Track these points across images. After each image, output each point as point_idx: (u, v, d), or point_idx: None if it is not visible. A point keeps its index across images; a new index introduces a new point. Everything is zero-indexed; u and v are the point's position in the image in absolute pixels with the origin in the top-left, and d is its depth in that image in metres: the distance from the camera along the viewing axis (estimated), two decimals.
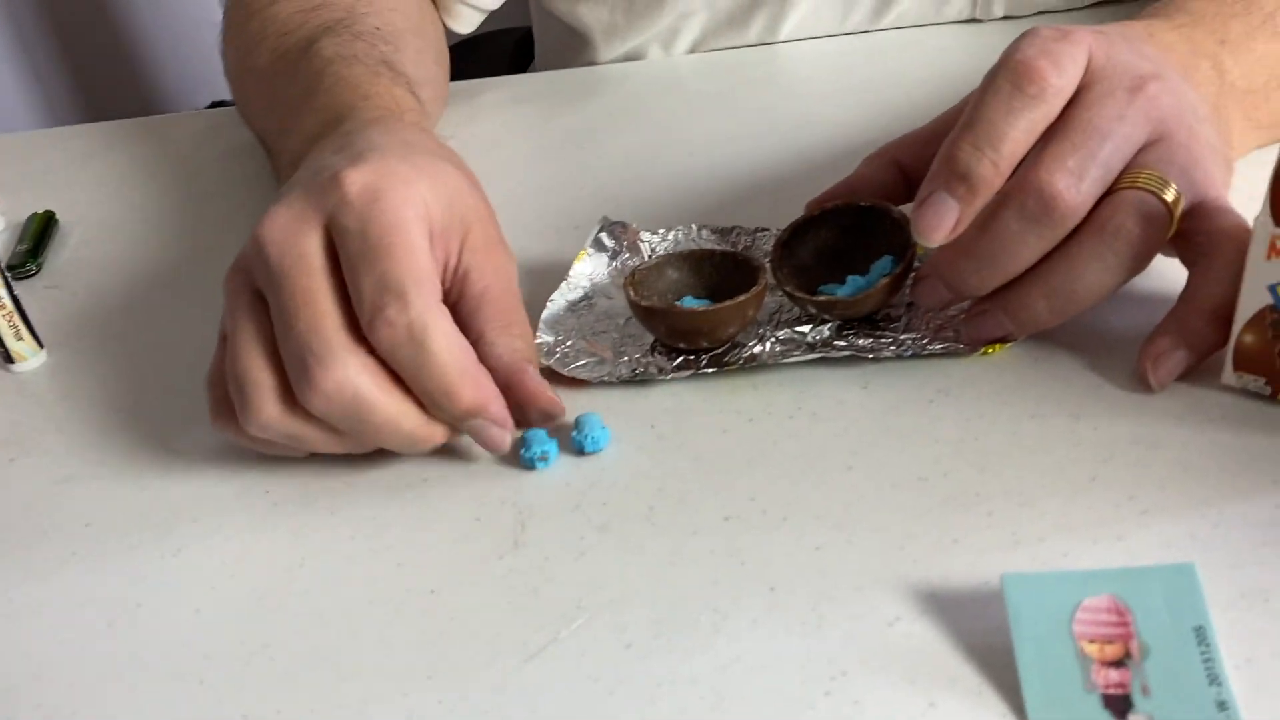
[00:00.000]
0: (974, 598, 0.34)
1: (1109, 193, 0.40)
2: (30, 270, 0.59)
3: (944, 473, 0.39)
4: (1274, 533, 0.35)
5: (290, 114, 0.55)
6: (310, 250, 0.40)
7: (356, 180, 0.41)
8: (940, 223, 0.41)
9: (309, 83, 0.55)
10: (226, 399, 0.42)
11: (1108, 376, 0.42)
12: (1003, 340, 0.43)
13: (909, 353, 0.44)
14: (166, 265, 0.59)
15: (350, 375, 0.39)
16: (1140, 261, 0.40)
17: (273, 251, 0.40)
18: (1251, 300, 0.38)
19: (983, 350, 0.44)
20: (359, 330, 0.40)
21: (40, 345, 0.52)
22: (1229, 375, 0.40)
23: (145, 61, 1.52)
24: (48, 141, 0.76)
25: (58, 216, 0.64)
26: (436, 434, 0.41)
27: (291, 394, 0.40)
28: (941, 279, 0.42)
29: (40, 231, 0.61)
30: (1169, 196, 0.40)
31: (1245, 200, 0.40)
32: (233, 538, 0.41)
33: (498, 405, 0.41)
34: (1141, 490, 0.37)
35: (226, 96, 0.71)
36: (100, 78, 1.45)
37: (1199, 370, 0.41)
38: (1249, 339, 0.39)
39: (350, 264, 0.40)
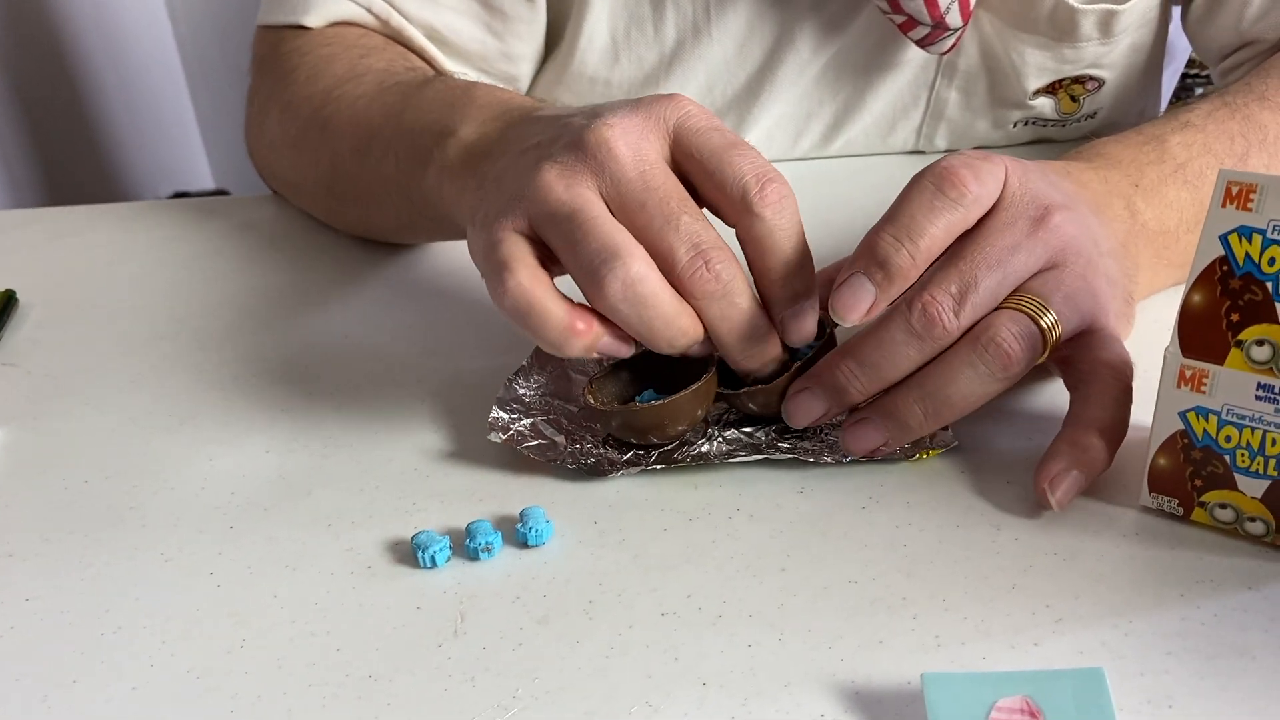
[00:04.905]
0: (896, 696, 0.36)
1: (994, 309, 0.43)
2: None
3: (873, 576, 0.41)
4: (1179, 643, 0.37)
5: (448, 110, 0.53)
6: (664, 158, 0.43)
7: (691, 100, 0.44)
8: (857, 303, 0.43)
9: (463, 89, 0.55)
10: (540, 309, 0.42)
11: (1029, 491, 0.44)
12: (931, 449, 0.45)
13: (845, 459, 0.46)
14: (122, 349, 0.59)
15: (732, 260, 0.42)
16: (1011, 375, 0.42)
17: (625, 152, 0.42)
18: (1164, 426, 0.41)
19: (916, 456, 0.46)
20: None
21: None
22: (1145, 496, 0.42)
23: (111, 149, 1.53)
24: (11, 222, 0.77)
25: (17, 295, 0.65)
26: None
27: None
28: (823, 387, 0.44)
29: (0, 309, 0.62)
30: (1045, 321, 0.42)
31: (1163, 329, 0.42)
32: (174, 617, 0.41)
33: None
34: (1057, 599, 0.39)
35: (189, 188, 0.72)
36: (65, 163, 1.46)
37: (1116, 490, 0.43)
38: (1163, 462, 0.41)
39: (714, 153, 0.43)
